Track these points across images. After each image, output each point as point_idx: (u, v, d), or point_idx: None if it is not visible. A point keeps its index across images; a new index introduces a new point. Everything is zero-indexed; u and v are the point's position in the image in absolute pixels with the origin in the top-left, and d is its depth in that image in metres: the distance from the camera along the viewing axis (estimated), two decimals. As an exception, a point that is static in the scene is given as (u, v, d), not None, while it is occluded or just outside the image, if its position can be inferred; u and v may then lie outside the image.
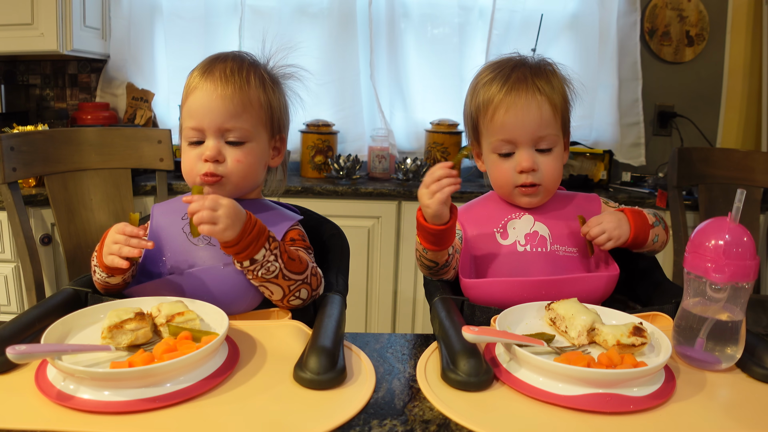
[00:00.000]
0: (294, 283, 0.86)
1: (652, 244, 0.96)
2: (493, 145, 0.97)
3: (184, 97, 0.95)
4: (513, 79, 0.94)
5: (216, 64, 0.93)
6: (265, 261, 0.83)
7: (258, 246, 0.82)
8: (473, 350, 0.71)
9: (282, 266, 0.84)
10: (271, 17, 2.35)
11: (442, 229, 0.88)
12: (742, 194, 0.72)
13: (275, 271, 0.84)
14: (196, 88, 0.92)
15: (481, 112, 0.97)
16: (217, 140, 0.92)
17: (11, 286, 1.88)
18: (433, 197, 0.86)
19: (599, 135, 2.45)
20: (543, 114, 0.94)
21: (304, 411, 0.63)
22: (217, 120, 0.91)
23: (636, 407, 0.64)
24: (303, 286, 0.87)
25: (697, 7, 2.47)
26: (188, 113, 0.93)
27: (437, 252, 0.92)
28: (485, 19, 2.38)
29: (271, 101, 0.96)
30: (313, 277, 0.89)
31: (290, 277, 0.85)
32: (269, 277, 0.84)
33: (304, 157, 2.31)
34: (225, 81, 0.91)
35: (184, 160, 0.95)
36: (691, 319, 0.75)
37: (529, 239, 0.98)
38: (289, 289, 0.86)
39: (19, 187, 1.52)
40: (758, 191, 1.97)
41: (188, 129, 0.93)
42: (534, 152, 0.96)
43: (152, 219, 0.98)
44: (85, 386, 0.64)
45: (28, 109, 2.37)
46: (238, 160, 0.93)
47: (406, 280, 2.16)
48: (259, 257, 0.83)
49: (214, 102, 0.90)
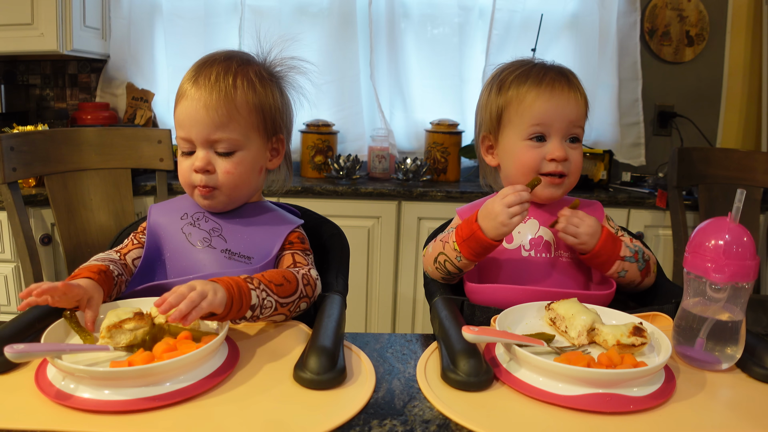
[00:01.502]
0: (292, 304, 0.84)
1: (617, 275, 0.94)
2: (527, 131, 0.97)
3: (175, 104, 0.93)
4: (552, 74, 0.96)
5: (203, 69, 0.91)
6: (261, 300, 0.80)
7: (246, 295, 0.77)
8: (473, 350, 0.71)
9: (275, 298, 0.82)
10: (271, 17, 2.35)
11: (498, 244, 0.89)
12: (742, 194, 0.72)
13: (272, 305, 0.82)
14: (183, 97, 0.90)
15: (514, 102, 0.97)
16: (207, 151, 0.91)
17: (11, 286, 1.88)
18: (513, 219, 0.87)
19: (599, 135, 2.45)
20: (579, 109, 0.97)
21: (304, 411, 0.63)
22: (203, 132, 0.89)
23: (636, 407, 0.64)
24: (300, 302, 0.86)
25: (697, 7, 2.47)
26: (177, 123, 0.92)
27: (472, 262, 0.92)
28: (485, 19, 2.38)
29: (263, 103, 0.92)
30: (306, 287, 0.87)
31: (286, 302, 0.83)
32: (270, 313, 0.82)
33: (304, 157, 2.31)
34: (209, 90, 0.88)
35: (179, 169, 0.95)
36: (691, 319, 0.75)
37: (534, 244, 0.98)
38: (290, 310, 0.85)
39: (19, 187, 1.52)
40: (758, 191, 1.97)
41: (178, 139, 0.93)
42: (565, 143, 0.97)
43: (149, 218, 0.98)
44: (84, 385, 0.64)
45: (28, 109, 2.37)
46: (227, 172, 0.91)
47: (406, 280, 2.16)
48: (255, 301, 0.79)
49: (199, 113, 0.88)
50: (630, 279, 0.95)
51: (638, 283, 0.96)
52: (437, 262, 0.95)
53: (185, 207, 0.98)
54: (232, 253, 0.93)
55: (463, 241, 0.90)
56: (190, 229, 0.95)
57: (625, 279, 0.94)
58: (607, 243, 0.92)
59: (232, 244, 0.94)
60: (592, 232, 0.92)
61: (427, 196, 2.09)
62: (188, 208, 0.98)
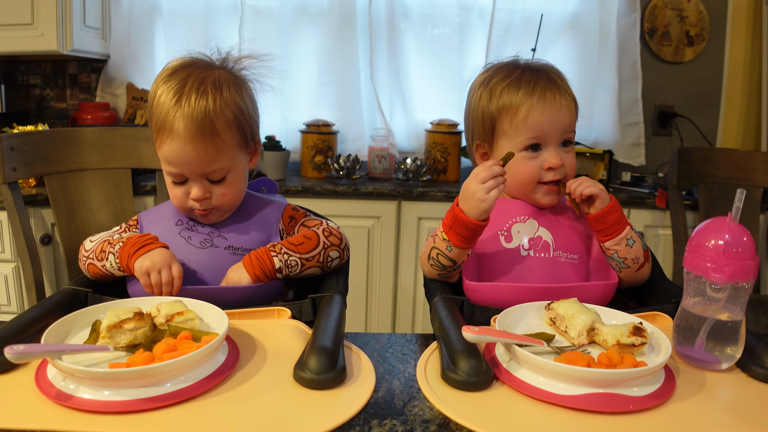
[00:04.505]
0: (319, 255, 0.95)
1: (626, 242, 0.94)
2: (522, 143, 0.98)
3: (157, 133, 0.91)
4: (543, 82, 0.97)
5: (181, 101, 0.89)
6: (284, 262, 0.92)
7: (269, 262, 0.91)
8: (473, 350, 0.71)
9: (298, 256, 0.93)
10: (271, 17, 2.35)
11: (483, 225, 0.90)
12: (742, 194, 0.72)
13: (297, 263, 0.93)
14: (168, 133, 0.90)
15: (508, 113, 0.98)
16: (201, 181, 0.94)
17: (11, 286, 1.88)
18: (490, 193, 0.87)
19: (599, 135, 2.45)
20: (571, 114, 0.99)
21: (304, 411, 0.63)
22: (196, 169, 0.92)
23: (636, 407, 0.64)
24: (328, 251, 0.96)
25: (697, 7, 2.47)
26: (166, 160, 0.93)
27: (463, 250, 0.92)
28: (485, 19, 2.38)
29: (237, 117, 0.93)
30: (329, 237, 0.97)
31: (311, 256, 0.94)
32: (300, 270, 0.94)
33: (304, 157, 2.31)
34: (194, 133, 0.89)
35: (172, 196, 0.97)
36: (691, 319, 0.75)
37: (533, 244, 0.98)
38: (320, 262, 0.95)
39: (19, 187, 1.51)
40: (758, 191, 1.97)
41: (168, 173, 0.94)
42: (560, 149, 0.99)
43: (141, 227, 1.01)
44: (84, 386, 0.64)
45: (28, 109, 2.37)
46: (223, 194, 0.95)
47: (406, 279, 2.16)
48: (279, 264, 0.92)
49: (189, 153, 0.90)
50: (635, 254, 0.95)
51: (641, 264, 0.96)
52: (431, 258, 0.95)
53: (178, 214, 1.01)
54: (235, 249, 0.97)
55: (449, 228, 0.91)
56: (189, 233, 0.98)
57: (631, 252, 0.94)
58: (617, 202, 0.96)
59: (232, 240, 0.98)
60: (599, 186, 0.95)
61: (427, 196, 2.09)
62: (182, 216, 1.00)
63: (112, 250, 0.93)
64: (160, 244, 0.91)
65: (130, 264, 0.89)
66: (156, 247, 0.90)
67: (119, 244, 0.92)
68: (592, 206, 0.95)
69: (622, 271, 0.96)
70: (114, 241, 0.94)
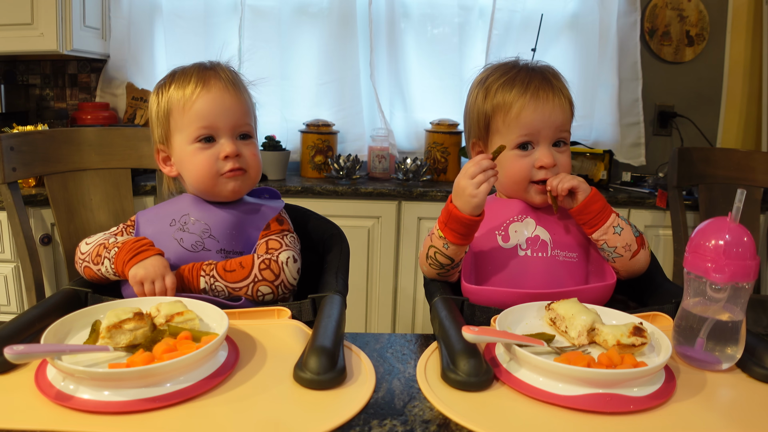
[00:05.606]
0: (247, 288, 0.91)
1: (613, 230, 0.94)
2: (514, 141, 0.98)
3: (180, 107, 0.95)
4: (537, 81, 0.97)
5: (206, 72, 0.97)
6: (212, 287, 0.91)
7: (195, 282, 0.91)
8: (473, 350, 0.71)
9: (225, 284, 0.91)
10: (271, 17, 2.35)
11: (477, 220, 0.89)
12: (742, 194, 0.72)
13: (223, 290, 0.91)
14: (200, 95, 0.95)
15: (501, 111, 0.98)
16: (232, 138, 0.97)
17: (11, 286, 1.88)
18: (480, 187, 0.87)
19: (599, 135, 2.45)
20: (564, 113, 0.98)
21: (304, 411, 0.63)
22: (231, 118, 0.96)
23: (636, 407, 0.64)
24: (258, 285, 0.91)
25: (697, 7, 2.47)
26: (197, 116, 0.95)
27: (460, 247, 0.92)
28: (485, 19, 2.38)
29: (249, 99, 1.02)
30: (263, 271, 0.91)
31: (238, 287, 0.91)
32: (228, 295, 0.91)
33: (304, 157, 2.31)
34: (230, 85, 0.96)
35: (197, 163, 0.96)
36: (691, 319, 0.75)
37: (530, 243, 0.98)
38: (248, 294, 0.91)
39: (19, 187, 1.52)
40: (758, 191, 1.97)
41: (198, 128, 0.95)
42: (552, 149, 0.98)
43: (138, 227, 1.00)
44: (84, 386, 0.63)
45: (28, 109, 2.37)
46: (253, 153, 0.99)
47: (406, 279, 2.16)
48: (204, 285, 0.91)
49: (226, 101, 0.95)
50: (625, 242, 0.94)
51: (635, 252, 0.95)
52: (429, 257, 0.95)
53: (171, 212, 1.00)
54: (227, 252, 0.96)
55: (445, 225, 0.91)
56: (181, 234, 0.97)
57: (621, 240, 0.94)
58: (598, 192, 0.96)
59: (224, 242, 0.97)
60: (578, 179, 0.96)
61: (427, 196, 2.09)
62: (174, 213, 1.00)
63: (108, 255, 0.92)
64: (155, 251, 0.91)
65: (125, 271, 0.89)
66: (151, 254, 0.90)
67: (115, 249, 0.92)
68: (575, 199, 0.95)
69: (615, 261, 0.96)
70: (110, 245, 0.94)
